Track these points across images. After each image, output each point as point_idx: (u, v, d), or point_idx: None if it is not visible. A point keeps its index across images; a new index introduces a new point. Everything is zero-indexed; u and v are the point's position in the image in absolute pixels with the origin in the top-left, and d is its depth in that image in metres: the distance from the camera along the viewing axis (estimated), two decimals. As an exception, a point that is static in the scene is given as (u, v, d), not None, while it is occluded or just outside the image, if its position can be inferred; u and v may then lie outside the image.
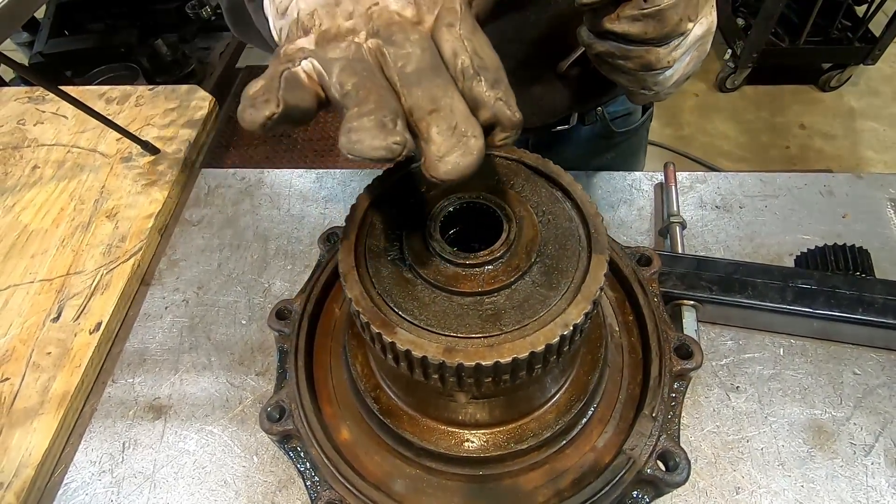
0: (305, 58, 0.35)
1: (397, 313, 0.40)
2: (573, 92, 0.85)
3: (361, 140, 0.30)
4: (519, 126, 0.34)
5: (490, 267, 0.41)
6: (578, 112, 0.97)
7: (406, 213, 0.45)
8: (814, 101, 3.06)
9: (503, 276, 0.40)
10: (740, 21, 2.99)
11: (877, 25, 2.79)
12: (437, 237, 0.42)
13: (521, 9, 0.69)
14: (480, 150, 0.32)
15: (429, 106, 0.32)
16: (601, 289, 0.39)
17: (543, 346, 0.36)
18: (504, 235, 0.42)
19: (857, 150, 2.81)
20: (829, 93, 3.09)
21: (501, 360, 0.36)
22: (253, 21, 0.59)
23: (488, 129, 0.34)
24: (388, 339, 0.37)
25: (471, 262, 0.41)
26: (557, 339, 0.37)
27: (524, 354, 0.36)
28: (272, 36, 0.47)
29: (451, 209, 0.44)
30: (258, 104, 0.32)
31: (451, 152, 0.31)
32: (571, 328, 0.37)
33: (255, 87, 0.34)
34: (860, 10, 2.83)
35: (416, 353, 0.37)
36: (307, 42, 0.36)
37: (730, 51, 3.00)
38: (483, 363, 0.36)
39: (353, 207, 0.45)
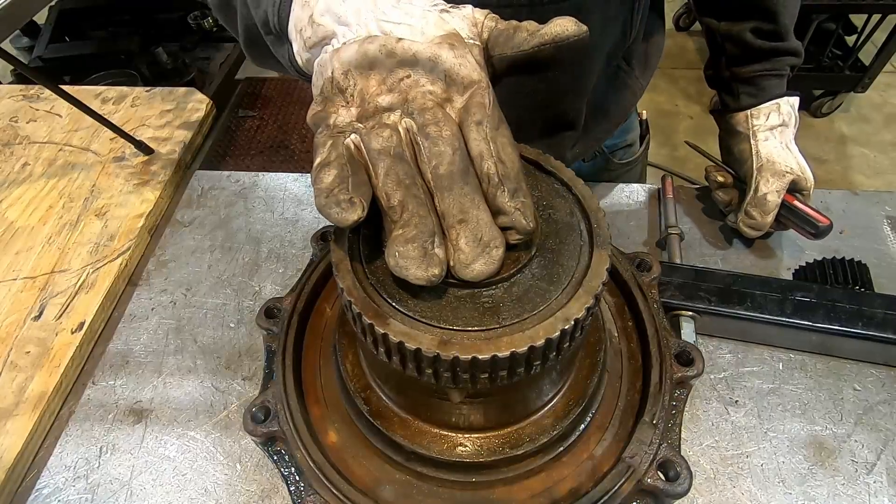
0: (354, 131, 0.40)
1: (391, 304, 0.38)
2: (567, 151, 0.88)
3: (407, 267, 0.36)
4: (532, 233, 0.39)
5: (488, 259, 0.40)
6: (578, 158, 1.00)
7: None
8: (806, 126, 3.11)
9: (502, 268, 0.39)
10: (734, 47, 3.05)
11: (866, 55, 2.86)
12: None
13: (518, 80, 0.72)
14: (501, 257, 0.38)
15: (458, 216, 0.37)
16: (603, 284, 0.38)
17: (543, 341, 0.35)
18: (503, 228, 0.40)
19: (848, 175, 2.85)
20: (821, 119, 3.14)
21: (499, 354, 0.34)
22: (271, 51, 0.62)
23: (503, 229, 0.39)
24: (380, 330, 0.36)
25: (468, 253, 0.39)
26: (558, 333, 0.35)
27: (523, 349, 0.35)
28: (295, 61, 0.52)
29: None
30: (343, 205, 0.36)
31: (476, 261, 0.37)
32: (572, 323, 0.36)
33: (327, 176, 0.38)
34: (850, 39, 2.90)
35: (410, 346, 0.35)
36: (349, 115, 0.42)
37: (724, 76, 3.05)
38: (479, 357, 0.34)
39: (349, 198, 0.44)
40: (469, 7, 0.45)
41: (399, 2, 0.44)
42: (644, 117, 1.14)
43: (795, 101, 0.85)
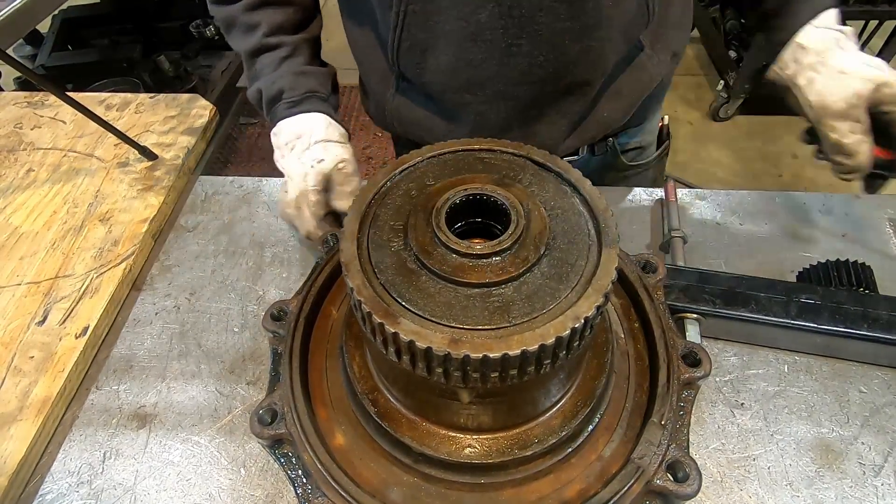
0: None
1: (401, 304, 0.38)
2: (573, 130, 0.88)
3: None
4: None
5: (498, 258, 0.40)
6: (580, 147, 0.98)
7: (411, 205, 0.44)
8: (806, 131, 3.12)
9: (511, 267, 0.39)
10: (732, 53, 3.07)
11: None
12: (443, 227, 0.41)
13: (531, 52, 0.74)
14: None
15: None
16: (612, 282, 0.38)
17: (553, 339, 0.35)
18: (512, 227, 0.41)
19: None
20: (820, 125, 3.15)
21: (510, 353, 0.34)
22: None
23: None
24: (390, 329, 0.36)
25: (478, 252, 0.39)
26: (568, 331, 0.35)
27: (534, 347, 0.34)
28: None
29: (457, 201, 0.43)
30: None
31: None
32: (583, 321, 0.36)
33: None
34: (848, 46, 2.92)
35: (420, 344, 0.35)
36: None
37: (722, 82, 3.07)
38: (490, 355, 0.34)
39: (357, 199, 0.44)
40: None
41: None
42: (665, 122, 1.10)
43: (829, 15, 0.71)
